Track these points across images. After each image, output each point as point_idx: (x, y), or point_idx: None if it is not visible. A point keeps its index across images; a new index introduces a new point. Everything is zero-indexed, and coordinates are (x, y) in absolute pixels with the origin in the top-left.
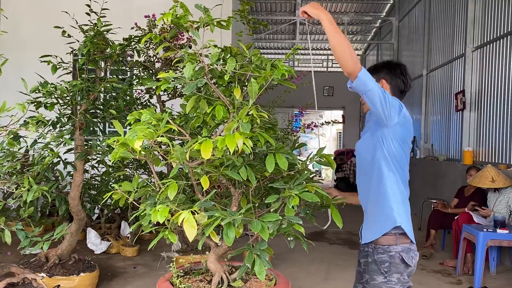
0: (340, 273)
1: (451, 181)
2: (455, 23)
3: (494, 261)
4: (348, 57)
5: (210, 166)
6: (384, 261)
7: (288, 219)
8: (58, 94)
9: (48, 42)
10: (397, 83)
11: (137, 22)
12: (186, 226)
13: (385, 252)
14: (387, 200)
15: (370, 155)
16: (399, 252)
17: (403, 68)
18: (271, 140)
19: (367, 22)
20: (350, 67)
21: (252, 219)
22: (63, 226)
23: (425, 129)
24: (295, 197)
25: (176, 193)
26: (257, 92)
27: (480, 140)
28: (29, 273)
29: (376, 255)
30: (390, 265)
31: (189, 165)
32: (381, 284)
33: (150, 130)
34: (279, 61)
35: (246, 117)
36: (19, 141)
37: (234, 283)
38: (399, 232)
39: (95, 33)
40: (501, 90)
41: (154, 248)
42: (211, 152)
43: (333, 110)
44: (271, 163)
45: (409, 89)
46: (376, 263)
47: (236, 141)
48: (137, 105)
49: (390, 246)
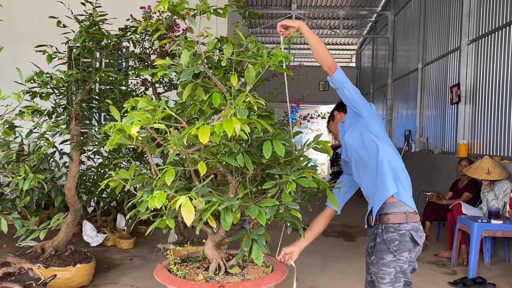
0: (336, 265)
1: (445, 174)
2: (450, 16)
3: (488, 252)
4: (328, 55)
5: (207, 153)
6: (394, 239)
7: (285, 205)
8: (54, 84)
9: (43, 33)
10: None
11: (133, 14)
12: (183, 211)
13: (396, 231)
14: (386, 172)
15: (362, 143)
16: (409, 230)
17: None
18: (268, 127)
19: (363, 16)
20: (330, 63)
21: (250, 204)
22: (59, 215)
23: (420, 123)
24: (292, 183)
25: (173, 179)
26: (254, 78)
27: (474, 132)
28: (26, 263)
29: (386, 234)
30: (400, 243)
31: (186, 151)
32: (390, 262)
33: (147, 115)
34: (276, 47)
35: (243, 104)
36: (14, 131)
37: (231, 269)
38: (408, 211)
39: (90, 23)
40: (496, 83)
41: (150, 240)
42: (209, 137)
43: (328, 104)
44: (268, 149)
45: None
46: (385, 242)
47: (234, 126)
48: (132, 97)
49: (401, 225)
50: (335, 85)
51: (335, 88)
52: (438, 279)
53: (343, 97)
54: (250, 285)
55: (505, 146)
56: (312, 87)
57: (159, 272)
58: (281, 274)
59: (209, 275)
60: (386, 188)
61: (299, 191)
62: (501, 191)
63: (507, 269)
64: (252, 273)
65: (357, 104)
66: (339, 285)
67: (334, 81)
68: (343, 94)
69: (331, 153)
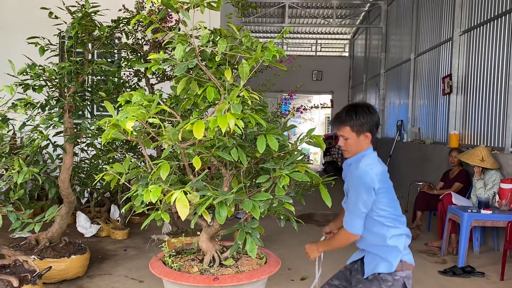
0: (329, 254)
1: (437, 164)
2: (443, 7)
3: (477, 241)
4: (347, 241)
5: (201, 147)
6: (387, 280)
7: (279, 198)
8: (47, 76)
9: (34, 24)
10: (374, 124)
11: (125, 4)
12: (178, 205)
13: (391, 275)
14: (387, 240)
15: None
16: (403, 277)
17: (373, 108)
18: (262, 121)
19: (356, 6)
20: (351, 240)
21: (244, 198)
22: (54, 207)
23: (412, 113)
24: (285, 177)
25: (168, 174)
26: (248, 74)
27: (466, 123)
28: (20, 255)
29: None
30: (392, 286)
31: (180, 146)
32: None
33: (141, 111)
34: (269, 42)
35: (237, 99)
36: (7, 123)
37: (225, 261)
38: (404, 259)
39: (83, 14)
40: (488, 74)
41: (145, 231)
42: (203, 132)
43: (321, 94)
44: (262, 143)
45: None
46: (378, 279)
47: (228, 121)
48: (126, 88)
49: (397, 272)
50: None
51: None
52: (428, 268)
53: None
54: (244, 277)
55: (495, 137)
56: (305, 77)
57: (154, 264)
58: (275, 266)
59: (203, 267)
60: (382, 259)
61: (293, 185)
62: (490, 180)
63: (495, 258)
64: (246, 265)
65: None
66: (331, 274)
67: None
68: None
69: (323, 147)
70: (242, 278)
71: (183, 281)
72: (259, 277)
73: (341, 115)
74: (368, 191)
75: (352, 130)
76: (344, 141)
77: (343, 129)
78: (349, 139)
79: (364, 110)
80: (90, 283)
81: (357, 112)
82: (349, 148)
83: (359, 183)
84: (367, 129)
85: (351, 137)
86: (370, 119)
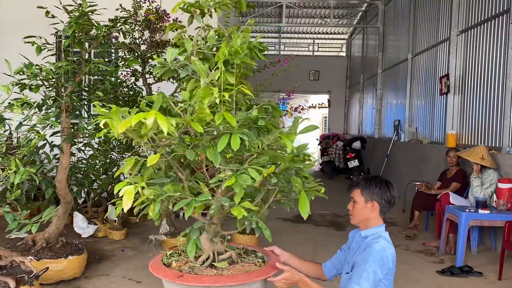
0: (327, 253)
1: (434, 164)
2: (440, 7)
3: (475, 241)
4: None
5: (164, 149)
6: None
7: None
8: (44, 76)
9: (30, 23)
10: (386, 198)
11: (122, 3)
12: (124, 197)
13: None
14: None
15: None
16: None
17: (391, 185)
18: (232, 121)
19: (353, 5)
20: None
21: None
22: (51, 208)
23: (409, 113)
24: (231, 178)
25: (138, 169)
26: (206, 70)
27: (463, 123)
28: (17, 256)
29: None
30: None
31: (160, 144)
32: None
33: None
34: (256, 38)
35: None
36: (4, 123)
37: (218, 263)
38: None
39: (80, 13)
40: (485, 74)
41: (142, 231)
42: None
43: (318, 94)
44: (222, 143)
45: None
46: None
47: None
48: (123, 88)
49: None
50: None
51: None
52: (426, 268)
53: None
54: (223, 280)
55: (493, 137)
56: (302, 77)
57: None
58: (258, 276)
59: (194, 265)
60: None
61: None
62: (487, 179)
63: (493, 257)
64: (238, 270)
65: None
66: None
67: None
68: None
69: (315, 128)
70: (220, 280)
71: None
72: (238, 282)
73: (359, 180)
74: (381, 267)
75: (361, 193)
76: (352, 204)
77: (354, 191)
78: (357, 203)
79: (379, 181)
80: (88, 284)
81: (371, 180)
82: (355, 213)
83: (377, 257)
84: (376, 198)
85: (359, 201)
86: (382, 191)
